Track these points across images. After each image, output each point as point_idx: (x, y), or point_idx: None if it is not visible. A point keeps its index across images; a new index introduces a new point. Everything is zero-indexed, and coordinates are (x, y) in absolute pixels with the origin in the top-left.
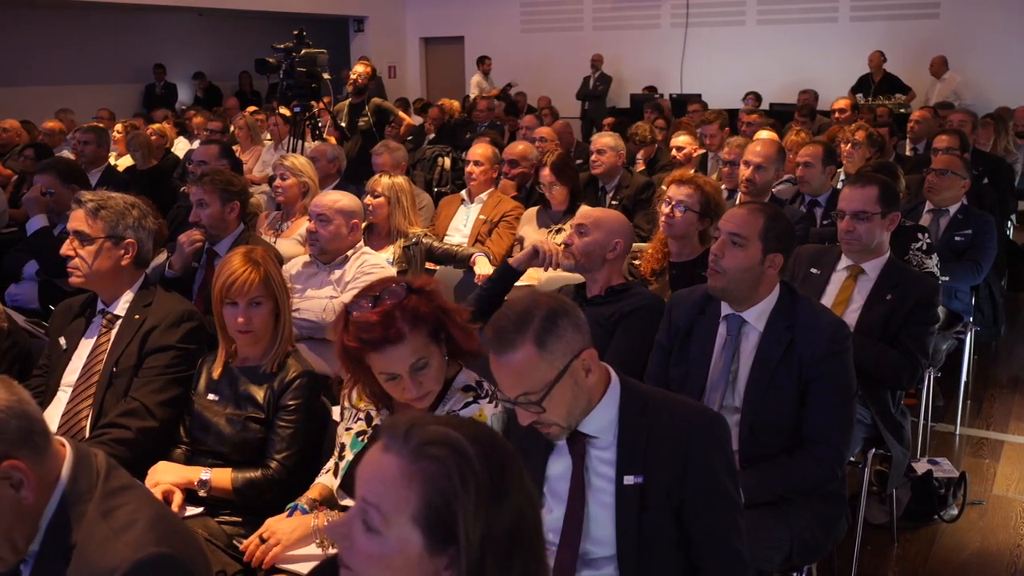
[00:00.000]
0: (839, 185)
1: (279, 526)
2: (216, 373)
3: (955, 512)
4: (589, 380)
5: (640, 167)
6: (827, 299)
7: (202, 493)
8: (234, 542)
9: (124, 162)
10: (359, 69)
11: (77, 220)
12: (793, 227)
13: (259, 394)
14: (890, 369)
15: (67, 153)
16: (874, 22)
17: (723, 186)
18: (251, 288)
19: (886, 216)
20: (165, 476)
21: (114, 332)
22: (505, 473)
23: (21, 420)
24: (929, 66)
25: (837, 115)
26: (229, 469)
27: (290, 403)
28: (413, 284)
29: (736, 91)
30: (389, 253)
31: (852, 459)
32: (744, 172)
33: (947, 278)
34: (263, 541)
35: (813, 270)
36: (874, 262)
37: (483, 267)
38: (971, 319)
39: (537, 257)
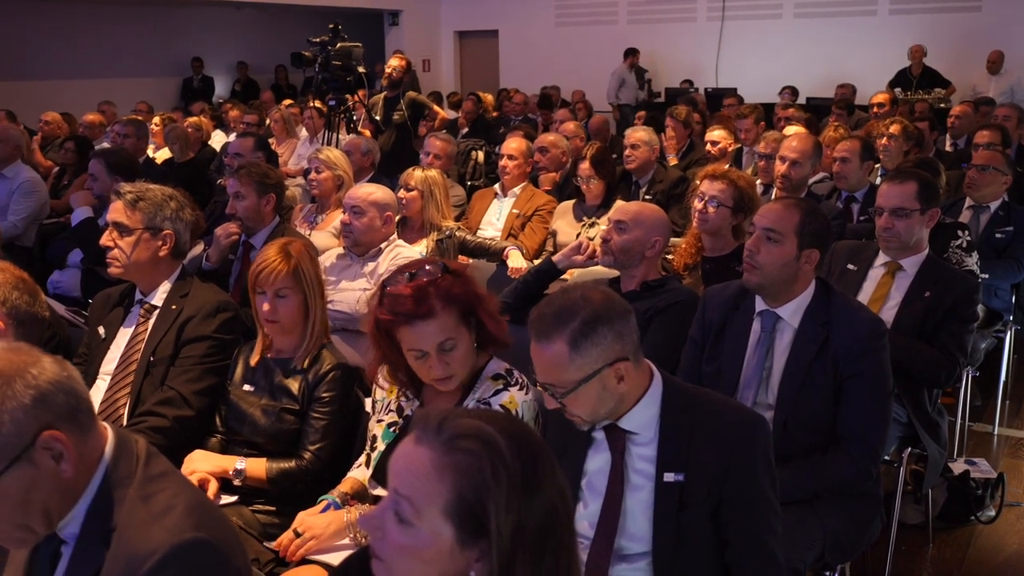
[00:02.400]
0: (877, 180)
1: (313, 521)
2: (254, 361)
3: (992, 514)
4: (620, 387)
5: (672, 162)
6: (864, 296)
7: (237, 482)
8: (266, 543)
9: (162, 155)
10: (394, 63)
11: (116, 211)
12: (829, 222)
13: (294, 385)
14: (928, 367)
15: (106, 146)
16: (914, 15)
17: (758, 181)
18: (277, 279)
19: (925, 212)
20: (201, 465)
21: (151, 322)
22: (537, 467)
23: (68, 396)
24: (986, 61)
25: (875, 110)
26: (264, 459)
27: (324, 395)
28: (449, 266)
29: (772, 85)
30: (422, 246)
31: (887, 458)
32: (780, 168)
33: (987, 276)
34: (297, 535)
35: (850, 266)
36: (912, 259)
37: (516, 261)
38: (1011, 317)
39: (579, 253)
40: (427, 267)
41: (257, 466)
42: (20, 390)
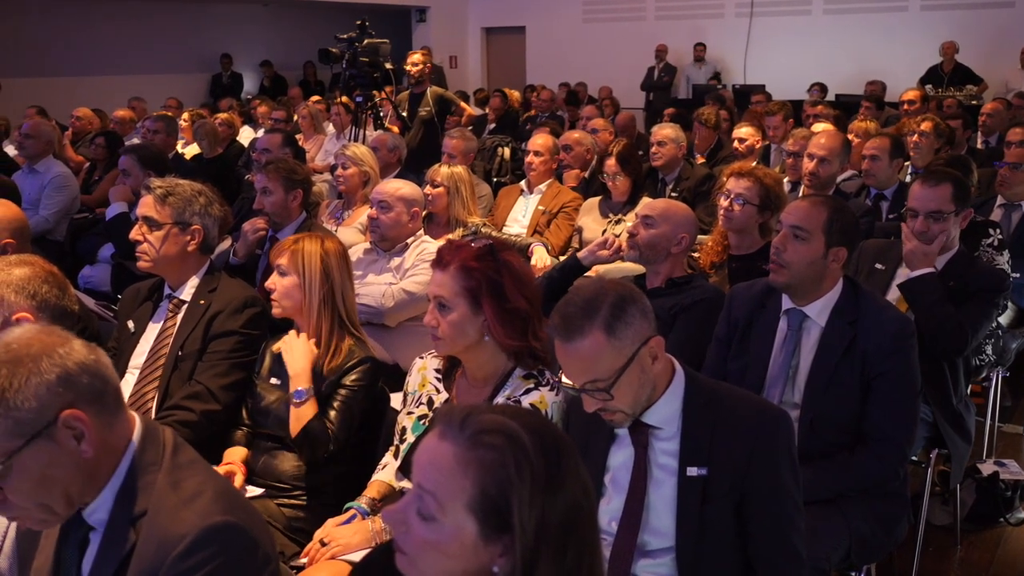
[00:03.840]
0: (907, 178)
1: (339, 531)
2: (276, 347)
3: (1022, 516)
4: (655, 367)
5: (700, 160)
6: (892, 295)
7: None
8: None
9: (191, 150)
10: (414, 59)
11: (146, 206)
12: (857, 220)
13: (319, 381)
14: (941, 331)
15: (136, 141)
16: (945, 11)
17: (786, 178)
18: (278, 254)
19: (959, 214)
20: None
21: (180, 317)
22: (561, 463)
23: (94, 378)
24: (1021, 53)
25: (906, 107)
26: (314, 410)
27: (348, 381)
28: (503, 256)
29: (801, 82)
30: None
31: (915, 458)
32: (808, 165)
33: (1018, 275)
34: (323, 544)
35: (878, 265)
36: (942, 257)
37: (541, 259)
38: None
39: (604, 248)
40: (489, 240)
41: (309, 411)
42: (46, 368)
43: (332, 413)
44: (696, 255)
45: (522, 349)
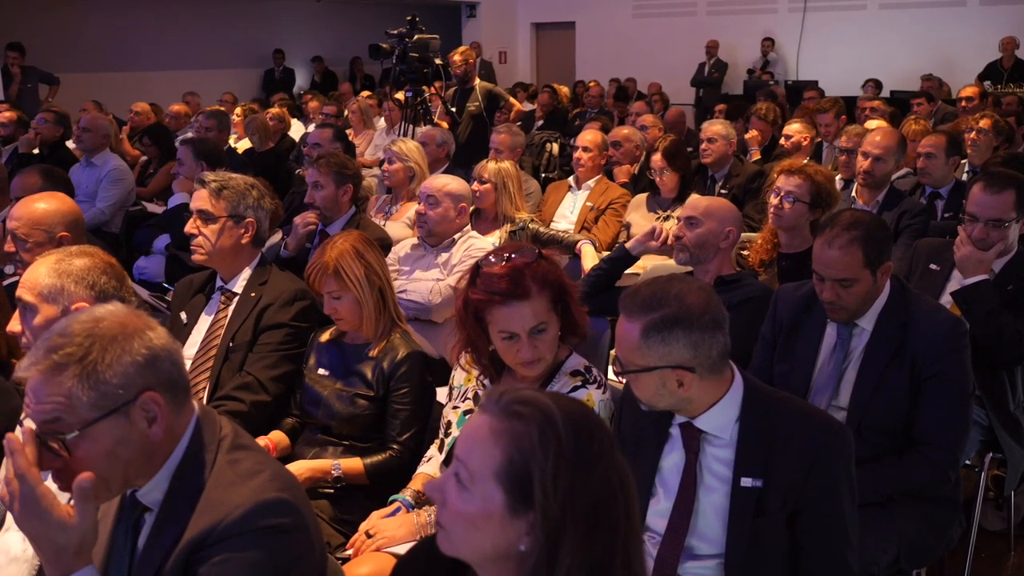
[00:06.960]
0: (963, 176)
1: (385, 523)
2: (323, 339)
3: None
4: (680, 392)
5: (755, 156)
6: (947, 297)
7: (336, 473)
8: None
9: (243, 144)
10: (456, 59)
11: (200, 200)
12: (885, 224)
13: (368, 371)
14: (1003, 344)
15: (190, 135)
16: (1006, 6)
17: (839, 176)
18: (321, 283)
19: (1020, 219)
20: (297, 469)
21: (231, 308)
22: (592, 445)
23: (173, 367)
24: None
25: (964, 103)
26: (359, 458)
27: (402, 387)
28: (542, 252)
29: (855, 78)
30: (495, 237)
31: (968, 462)
32: (862, 164)
33: None
34: (368, 536)
35: (932, 266)
36: (999, 260)
37: (588, 258)
38: None
39: (653, 237)
40: (523, 249)
41: (353, 464)
42: (137, 348)
43: (399, 426)
44: (745, 253)
45: (586, 324)
